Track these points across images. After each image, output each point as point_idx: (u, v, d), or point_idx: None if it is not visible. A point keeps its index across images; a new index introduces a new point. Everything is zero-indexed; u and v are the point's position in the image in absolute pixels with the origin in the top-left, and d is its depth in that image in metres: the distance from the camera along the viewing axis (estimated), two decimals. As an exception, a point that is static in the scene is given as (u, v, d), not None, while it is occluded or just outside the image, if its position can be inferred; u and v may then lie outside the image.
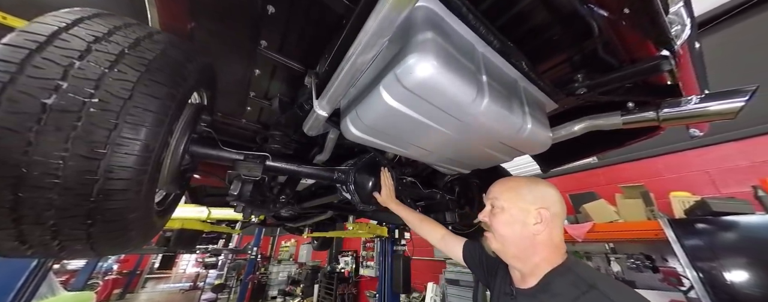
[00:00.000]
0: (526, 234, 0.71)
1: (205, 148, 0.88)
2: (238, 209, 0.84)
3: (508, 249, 0.75)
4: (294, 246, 10.40)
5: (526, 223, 0.71)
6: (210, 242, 5.98)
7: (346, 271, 5.63)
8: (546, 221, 0.70)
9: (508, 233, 0.74)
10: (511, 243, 0.74)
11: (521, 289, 0.74)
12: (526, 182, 0.78)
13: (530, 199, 0.73)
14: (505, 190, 0.79)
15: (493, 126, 0.76)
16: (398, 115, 0.71)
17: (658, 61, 0.69)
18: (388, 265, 3.19)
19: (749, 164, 2.16)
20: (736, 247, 1.52)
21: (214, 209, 1.88)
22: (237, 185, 0.85)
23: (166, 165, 0.72)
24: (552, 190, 0.75)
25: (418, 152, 0.96)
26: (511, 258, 0.76)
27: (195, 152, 0.85)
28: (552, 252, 0.71)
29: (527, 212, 0.72)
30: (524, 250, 0.73)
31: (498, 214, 0.77)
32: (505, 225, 0.75)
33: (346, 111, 0.87)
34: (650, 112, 0.73)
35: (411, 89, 0.60)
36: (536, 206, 0.71)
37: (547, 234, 0.70)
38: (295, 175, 1.09)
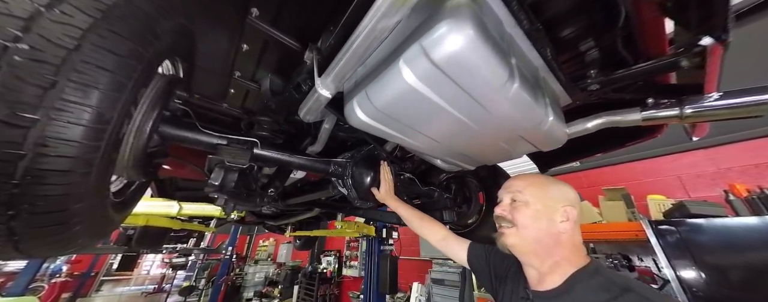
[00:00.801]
0: (552, 232, 0.68)
1: (179, 129, 0.74)
2: (219, 202, 0.71)
3: (528, 245, 0.71)
4: (273, 245, 9.98)
5: (553, 220, 0.69)
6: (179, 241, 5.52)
7: (328, 271, 5.45)
8: (572, 220, 0.68)
9: (533, 228, 0.70)
10: (534, 239, 0.70)
11: (539, 291, 0.69)
12: (550, 179, 0.76)
13: (557, 196, 0.72)
14: (529, 184, 0.75)
15: (517, 117, 0.70)
16: (416, 97, 0.62)
17: (690, 53, 0.66)
18: (374, 265, 3.10)
19: (715, 170, 2.33)
20: (711, 248, 1.60)
21: (187, 204, 1.67)
22: (219, 174, 0.72)
23: (127, 144, 0.57)
24: (573, 191, 0.74)
25: (427, 143, 0.87)
26: (529, 254, 0.72)
27: (166, 132, 0.71)
28: (573, 253, 0.68)
29: (554, 210, 0.69)
30: (546, 248, 0.69)
31: (521, 208, 0.73)
32: (532, 220, 0.71)
33: (351, 93, 0.77)
34: (674, 109, 0.71)
35: (438, 65, 0.52)
36: (563, 204, 0.69)
37: (570, 233, 0.68)
38: (287, 166, 0.97)
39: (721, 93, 0.68)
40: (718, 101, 0.66)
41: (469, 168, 1.17)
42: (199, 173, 1.67)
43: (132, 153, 0.59)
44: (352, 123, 0.79)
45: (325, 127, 1.13)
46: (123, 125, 0.49)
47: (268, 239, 10.24)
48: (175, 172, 1.52)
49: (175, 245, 5.74)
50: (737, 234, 1.57)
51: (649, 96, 0.91)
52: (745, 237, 1.56)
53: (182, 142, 0.76)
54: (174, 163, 1.34)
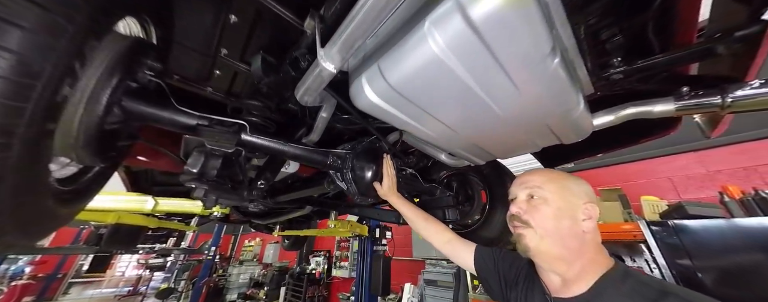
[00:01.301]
0: (577, 232, 0.62)
1: (149, 105, 0.61)
2: (197, 193, 0.59)
3: (551, 249, 0.63)
4: (259, 245, 9.65)
5: (576, 219, 0.62)
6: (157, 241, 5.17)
7: (318, 272, 5.27)
8: (594, 219, 0.63)
9: (556, 229, 0.63)
10: (558, 241, 0.63)
11: (563, 298, 0.62)
12: (566, 173, 0.71)
13: (578, 192, 0.66)
14: (548, 179, 0.68)
15: (548, 100, 0.61)
16: (440, 71, 0.52)
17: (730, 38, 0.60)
18: (366, 266, 2.99)
19: (705, 172, 2.38)
20: (708, 248, 1.61)
21: (164, 199, 1.49)
22: (198, 160, 0.59)
23: (75, 116, 0.44)
24: (589, 187, 0.69)
25: (441, 132, 0.78)
26: (554, 259, 0.64)
27: (132, 108, 0.58)
28: (598, 254, 0.63)
29: (576, 207, 0.63)
30: (573, 251, 0.62)
31: (540, 206, 0.65)
32: (553, 219, 0.63)
33: (358, 70, 0.67)
34: (714, 97, 0.65)
35: (476, 25, 0.42)
36: (584, 201, 0.64)
37: (593, 232, 0.63)
38: (280, 155, 0.85)
39: (763, 80, 0.63)
40: (763, 88, 0.61)
41: (479, 162, 1.08)
42: (180, 163, 1.52)
43: (82, 128, 0.46)
44: (359, 104, 0.69)
45: (322, 115, 1.02)
46: (61, 84, 0.37)
47: (254, 239, 9.90)
48: (151, 163, 1.36)
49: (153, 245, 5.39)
50: (733, 234, 1.58)
51: (670, 88, 0.85)
52: (741, 237, 1.57)
53: (153, 121, 0.63)
54: (150, 152, 1.19)
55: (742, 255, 1.54)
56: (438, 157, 1.27)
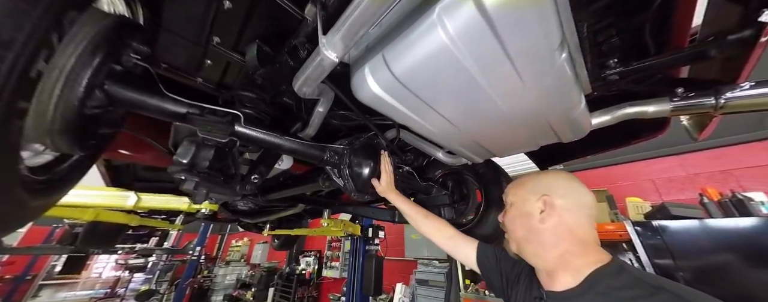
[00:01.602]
0: (534, 226, 0.65)
1: (136, 91, 0.57)
2: (186, 186, 0.54)
3: (523, 247, 0.68)
4: (247, 245, 9.41)
5: (531, 214, 0.65)
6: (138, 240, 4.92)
7: (308, 272, 5.18)
8: (551, 209, 0.62)
9: (515, 228, 0.70)
10: (523, 239, 0.68)
11: (555, 292, 0.62)
12: (536, 174, 0.74)
13: (531, 188, 0.69)
14: (512, 185, 0.75)
15: (553, 96, 0.61)
16: (447, 62, 0.51)
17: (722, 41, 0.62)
18: (358, 266, 2.95)
19: (686, 174, 2.49)
20: (689, 247, 1.67)
21: (147, 195, 1.41)
22: (188, 149, 0.55)
23: (52, 96, 0.40)
24: (566, 180, 0.67)
25: (442, 127, 0.77)
26: (531, 257, 0.67)
27: (117, 93, 0.53)
28: (582, 248, 0.61)
29: (529, 203, 0.67)
30: (538, 245, 0.65)
31: (508, 211, 0.73)
32: (512, 221, 0.71)
33: (361, 61, 0.65)
34: (708, 98, 0.67)
35: (489, 12, 0.41)
36: (538, 195, 0.65)
37: (560, 223, 0.62)
38: (275, 149, 0.82)
39: (753, 83, 0.65)
40: (754, 89, 0.63)
41: (477, 161, 1.08)
42: (166, 158, 1.45)
43: (59, 110, 0.42)
44: (361, 97, 0.66)
45: (318, 110, 0.99)
46: (36, 57, 0.33)
47: (242, 239, 9.66)
48: (134, 157, 1.28)
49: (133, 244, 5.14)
50: (712, 234, 1.65)
51: (663, 89, 0.88)
52: (719, 237, 1.64)
53: (139, 108, 0.58)
54: (133, 144, 1.12)
55: (720, 253, 1.61)
56: (435, 155, 1.26)
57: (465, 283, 2.56)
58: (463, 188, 1.59)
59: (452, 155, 1.28)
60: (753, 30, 0.59)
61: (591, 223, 0.63)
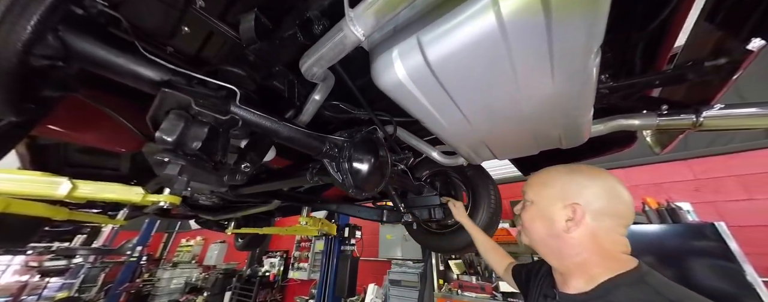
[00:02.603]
0: (554, 232, 0.60)
1: (100, 43, 0.44)
2: (168, 170, 0.42)
3: (538, 247, 0.67)
4: (200, 245, 8.51)
5: (555, 220, 0.60)
6: (57, 238, 4.04)
7: (272, 274, 4.83)
8: (580, 219, 0.57)
9: (533, 229, 0.66)
10: (540, 241, 0.65)
11: (567, 294, 0.62)
12: (564, 172, 0.65)
13: (560, 191, 0.62)
14: (535, 182, 0.70)
15: (572, 101, 0.63)
16: (491, 51, 0.48)
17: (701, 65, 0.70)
18: (332, 267, 2.81)
19: (629, 185, 2.86)
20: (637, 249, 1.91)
21: (85, 183, 1.13)
22: (176, 124, 0.43)
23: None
24: (600, 181, 0.60)
25: (455, 123, 0.74)
26: (545, 256, 0.67)
27: (74, 43, 0.40)
28: (603, 256, 0.57)
29: (555, 207, 0.61)
30: (556, 250, 0.62)
31: (527, 207, 0.69)
32: (531, 220, 0.66)
33: (385, 44, 0.59)
34: (690, 116, 0.75)
35: (553, 3, 0.39)
36: (567, 201, 0.59)
37: (588, 234, 0.57)
38: (271, 134, 0.71)
39: (723, 105, 0.75)
40: (726, 110, 0.72)
41: (475, 162, 1.09)
42: (115, 140, 1.20)
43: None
44: (383, 82, 0.61)
45: (314, 98, 0.91)
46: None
47: (195, 238, 8.71)
48: (71, 135, 1.04)
49: (50, 243, 4.23)
50: (652, 237, 1.91)
51: (642, 105, 0.97)
52: (658, 240, 1.90)
53: (104, 68, 0.45)
54: (74, 118, 0.91)
55: (660, 254, 1.87)
56: (429, 154, 1.25)
57: (439, 283, 2.61)
58: (451, 190, 1.60)
59: (447, 155, 1.28)
60: (730, 58, 0.67)
61: (623, 233, 0.59)
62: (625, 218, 0.58)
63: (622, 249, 0.58)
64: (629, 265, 0.55)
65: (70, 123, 0.93)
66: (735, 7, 0.59)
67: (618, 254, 0.58)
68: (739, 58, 0.63)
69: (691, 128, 0.76)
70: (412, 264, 3.16)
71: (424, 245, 1.65)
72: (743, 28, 0.59)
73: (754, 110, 0.67)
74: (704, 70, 0.74)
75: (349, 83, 0.82)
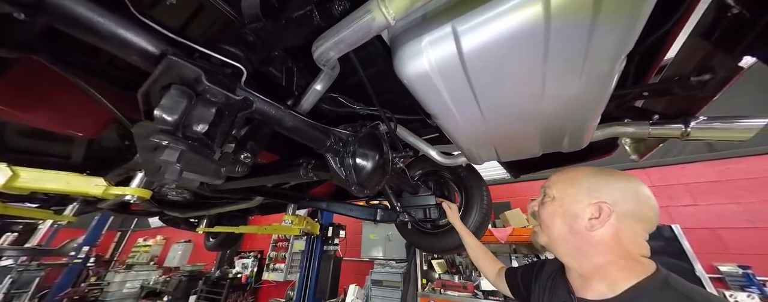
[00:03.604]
0: (578, 230, 0.59)
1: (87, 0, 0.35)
2: (165, 155, 0.34)
3: (556, 245, 0.65)
4: (160, 244, 7.78)
5: (579, 216, 0.60)
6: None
7: (244, 276, 4.52)
8: (605, 218, 0.57)
9: (554, 225, 0.64)
10: (560, 238, 0.64)
11: (587, 300, 0.60)
12: (592, 172, 0.65)
13: (588, 188, 0.62)
14: (561, 179, 0.69)
15: (589, 104, 0.64)
16: (530, 45, 0.47)
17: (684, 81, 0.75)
18: (313, 267, 2.68)
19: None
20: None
21: (30, 171, 0.94)
22: (178, 102, 0.35)
23: None
24: (629, 184, 0.60)
25: (471, 120, 0.72)
26: (562, 255, 0.65)
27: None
28: (626, 259, 0.57)
29: (581, 205, 0.60)
30: (577, 249, 0.61)
31: (547, 203, 0.68)
32: (552, 216, 0.65)
33: (415, 31, 0.55)
34: (679, 126, 0.80)
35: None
36: (595, 200, 0.59)
37: (611, 234, 0.57)
38: (275, 123, 0.64)
39: (706, 117, 0.81)
40: (710, 122, 0.78)
41: (477, 162, 1.09)
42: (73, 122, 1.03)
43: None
44: (408, 72, 0.57)
45: (315, 88, 0.85)
46: None
47: (155, 237, 7.95)
48: (15, 113, 0.86)
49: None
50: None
51: (628, 115, 1.04)
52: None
53: (79, 27, 0.36)
54: (20, 90, 0.76)
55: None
56: (427, 153, 1.23)
57: (422, 283, 2.63)
58: (444, 190, 1.60)
59: (446, 155, 1.28)
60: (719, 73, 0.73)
61: (646, 238, 0.59)
62: (650, 223, 0.58)
63: (643, 253, 0.58)
64: (650, 269, 0.55)
65: (14, 96, 0.76)
66: (732, 26, 0.63)
67: (640, 257, 0.57)
68: (729, 74, 0.69)
69: (679, 137, 0.82)
70: (395, 263, 3.15)
71: (417, 245, 1.64)
72: (738, 45, 0.63)
73: (736, 123, 0.74)
74: (690, 84, 0.80)
75: (361, 73, 0.77)
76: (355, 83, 1.06)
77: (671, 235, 1.85)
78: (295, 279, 3.86)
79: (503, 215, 2.80)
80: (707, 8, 0.69)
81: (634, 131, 0.88)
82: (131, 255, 7.78)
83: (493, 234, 2.51)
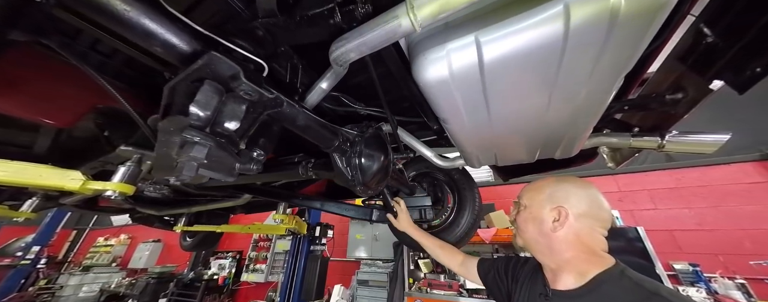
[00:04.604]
0: (544, 232, 0.70)
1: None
2: (195, 152, 0.32)
3: (530, 246, 0.75)
4: (124, 244, 7.19)
5: (544, 220, 0.70)
6: None
7: (222, 277, 4.29)
8: (564, 220, 0.67)
9: (527, 230, 0.75)
10: (532, 240, 0.74)
11: (560, 291, 0.69)
12: (553, 181, 0.76)
13: (549, 196, 0.73)
14: (529, 189, 0.80)
15: (589, 113, 0.69)
16: (548, 57, 0.51)
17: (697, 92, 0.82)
18: (299, 268, 2.61)
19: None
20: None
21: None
22: (211, 98, 0.33)
23: None
24: (583, 190, 0.71)
25: (478, 125, 0.75)
26: (537, 254, 0.75)
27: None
28: (588, 253, 0.67)
29: (544, 209, 0.71)
30: (547, 247, 0.71)
31: (520, 212, 0.78)
32: (525, 222, 0.75)
33: (437, 38, 0.57)
34: (656, 138, 0.89)
35: (621, 17, 0.42)
36: (554, 205, 0.70)
37: (571, 233, 0.67)
38: (287, 121, 0.63)
39: (678, 131, 0.91)
40: (682, 136, 0.87)
41: (474, 166, 1.13)
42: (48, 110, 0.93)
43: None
44: (426, 77, 0.59)
45: (321, 86, 0.84)
46: None
47: (118, 236, 7.33)
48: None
49: None
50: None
51: (608, 126, 1.14)
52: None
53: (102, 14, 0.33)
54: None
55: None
56: (425, 154, 1.26)
57: (409, 282, 2.66)
58: (438, 191, 1.64)
59: (444, 157, 1.31)
60: (690, 93, 0.83)
61: (603, 233, 0.68)
62: (604, 221, 0.69)
63: (602, 247, 0.68)
64: (610, 262, 0.66)
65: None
66: (706, 52, 0.72)
67: (600, 251, 0.68)
68: (700, 95, 0.78)
69: (655, 148, 0.91)
70: (381, 263, 3.16)
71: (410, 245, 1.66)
72: (710, 70, 0.72)
73: (703, 138, 0.84)
74: (665, 101, 0.89)
75: (374, 74, 0.77)
76: (356, 84, 1.06)
77: (635, 236, 2.04)
78: (277, 280, 3.74)
79: (488, 217, 2.92)
80: (686, 34, 0.78)
81: (617, 141, 0.96)
82: (89, 256, 7.11)
83: (478, 234, 2.61)
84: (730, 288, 2.32)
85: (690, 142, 0.85)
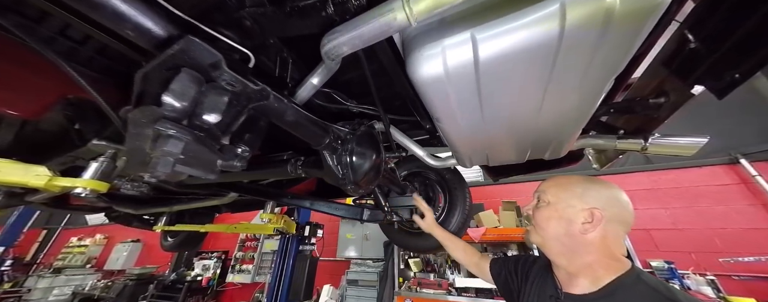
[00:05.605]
0: (572, 232, 0.67)
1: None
2: (169, 146, 0.29)
3: (549, 245, 0.72)
4: (100, 245, 6.82)
5: (573, 221, 0.67)
6: None
7: (206, 278, 4.13)
8: (597, 223, 0.64)
9: (549, 227, 0.71)
10: (553, 239, 0.71)
11: (573, 294, 0.67)
12: (581, 180, 0.73)
13: (580, 195, 0.69)
14: (554, 185, 0.76)
15: (580, 113, 0.70)
16: (541, 56, 0.50)
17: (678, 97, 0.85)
18: (287, 268, 2.55)
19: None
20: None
21: None
22: (188, 88, 0.30)
23: None
24: (613, 191, 0.69)
25: (471, 125, 0.75)
26: (554, 255, 0.72)
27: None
28: (609, 258, 0.65)
29: (575, 211, 0.67)
30: (568, 249, 0.68)
31: (542, 208, 0.74)
32: (547, 220, 0.71)
33: (432, 34, 0.56)
34: (640, 140, 0.92)
35: (616, 19, 0.42)
36: (588, 206, 0.66)
37: (599, 237, 0.65)
38: (275, 116, 0.60)
39: (659, 134, 0.95)
40: (664, 138, 0.91)
41: (465, 165, 1.13)
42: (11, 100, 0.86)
43: None
44: (421, 74, 0.57)
45: (312, 82, 0.82)
46: None
47: (93, 236, 6.96)
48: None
49: None
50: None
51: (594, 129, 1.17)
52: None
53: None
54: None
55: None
56: (417, 153, 1.25)
57: (399, 281, 2.66)
58: (429, 191, 1.64)
59: (436, 157, 1.31)
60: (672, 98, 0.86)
61: (625, 237, 0.69)
62: (628, 226, 0.67)
63: (622, 252, 0.67)
64: (626, 266, 0.64)
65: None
66: (689, 57, 0.74)
67: (619, 255, 0.66)
68: (681, 99, 0.80)
69: (639, 150, 0.94)
70: (371, 263, 3.15)
71: (402, 245, 1.65)
72: (692, 75, 0.75)
73: (682, 140, 0.87)
74: (648, 105, 0.92)
75: (367, 70, 0.76)
76: (348, 80, 1.04)
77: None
78: (264, 280, 3.64)
79: (477, 217, 2.96)
80: (670, 39, 0.81)
81: (603, 143, 0.98)
82: (61, 257, 6.71)
83: (468, 233, 2.64)
84: (702, 284, 2.46)
85: (671, 145, 0.88)
